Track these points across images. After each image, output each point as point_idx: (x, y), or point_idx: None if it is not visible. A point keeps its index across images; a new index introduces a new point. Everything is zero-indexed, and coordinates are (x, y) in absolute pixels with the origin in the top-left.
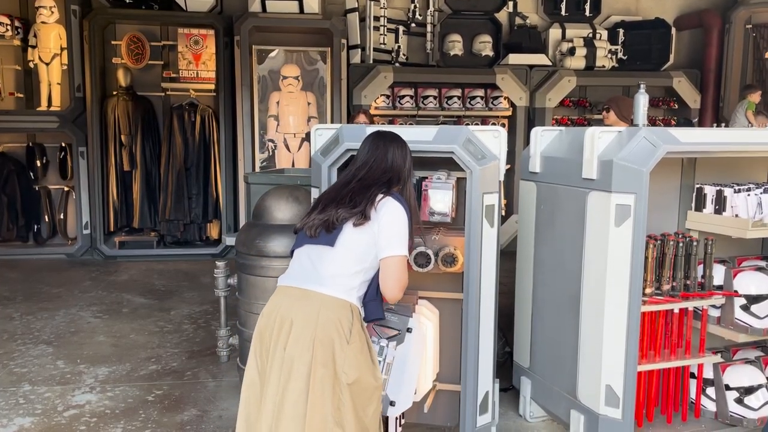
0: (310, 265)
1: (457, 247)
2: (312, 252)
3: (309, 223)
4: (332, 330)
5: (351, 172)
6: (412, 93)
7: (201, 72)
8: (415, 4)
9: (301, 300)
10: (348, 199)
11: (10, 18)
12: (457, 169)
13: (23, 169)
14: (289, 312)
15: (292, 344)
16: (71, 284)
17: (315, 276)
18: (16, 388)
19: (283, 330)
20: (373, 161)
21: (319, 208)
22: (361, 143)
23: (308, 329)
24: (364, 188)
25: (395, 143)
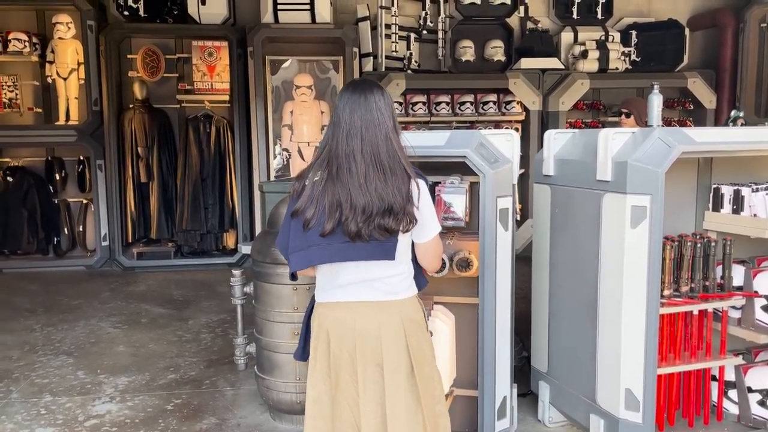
0: (363, 274)
1: (472, 251)
2: (364, 264)
3: (350, 225)
4: (417, 330)
5: (350, 152)
6: (425, 99)
7: (215, 83)
8: (426, 12)
9: (374, 314)
10: (379, 202)
11: (28, 35)
12: (471, 173)
13: (42, 182)
14: (369, 328)
15: (387, 358)
16: (91, 295)
17: (375, 287)
18: (37, 398)
19: (367, 347)
20: (366, 131)
21: (337, 210)
22: (338, 101)
23: (399, 338)
24: (385, 178)
25: (376, 92)
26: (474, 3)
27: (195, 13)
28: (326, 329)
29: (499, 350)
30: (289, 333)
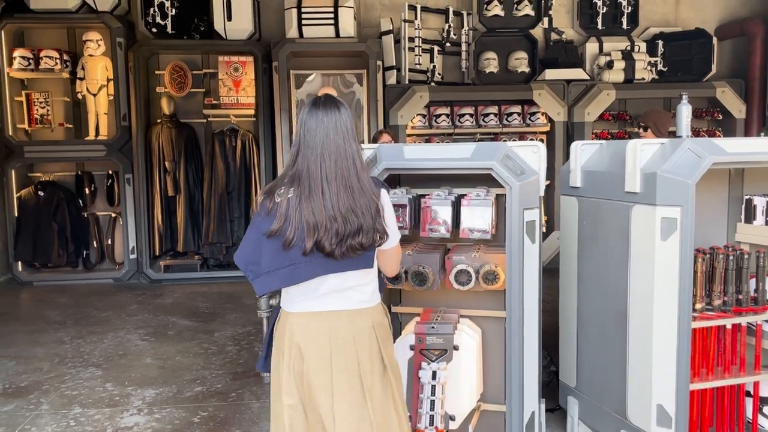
0: (341, 285)
1: (498, 264)
2: (342, 275)
3: (329, 247)
4: (385, 333)
5: (325, 167)
6: (449, 111)
7: (241, 98)
8: (449, 24)
9: (351, 322)
10: (350, 224)
11: (59, 52)
12: (497, 185)
13: (72, 196)
14: (345, 336)
15: (362, 362)
16: (119, 308)
17: (350, 296)
18: (67, 410)
19: (342, 354)
20: (336, 152)
21: (314, 230)
22: (306, 119)
23: (373, 343)
24: (354, 198)
25: (342, 110)
26: (497, 15)
27: (221, 29)
28: (297, 341)
29: (527, 364)
30: None
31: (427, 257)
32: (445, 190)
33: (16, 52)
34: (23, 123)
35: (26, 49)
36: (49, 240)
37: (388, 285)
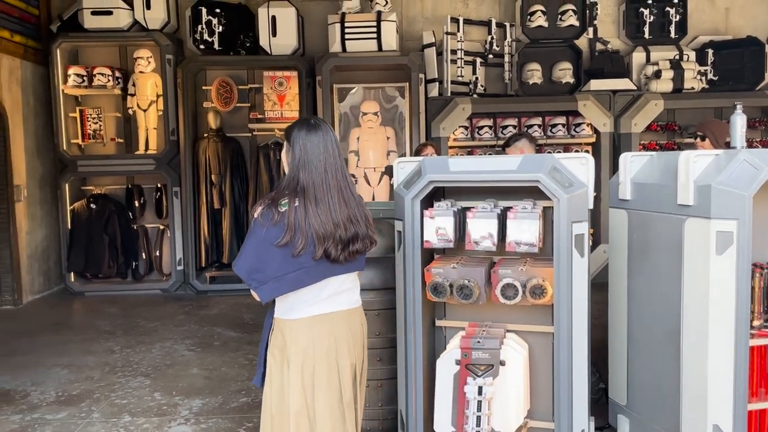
0: (342, 287)
1: (546, 278)
2: (342, 277)
3: (335, 253)
4: (366, 329)
5: (327, 179)
6: (491, 123)
7: (285, 112)
8: (492, 36)
9: (349, 320)
10: (351, 232)
11: (111, 69)
12: (543, 198)
13: (123, 209)
14: (345, 334)
15: (357, 358)
16: (166, 318)
17: (348, 296)
18: (117, 419)
19: (344, 350)
20: (333, 166)
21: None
22: (306, 140)
23: (363, 339)
24: (348, 206)
25: (330, 130)
26: (541, 26)
27: (266, 45)
28: (303, 346)
29: (576, 381)
30: None
31: (472, 271)
32: (491, 203)
33: (70, 70)
34: (77, 138)
35: (80, 67)
36: (100, 251)
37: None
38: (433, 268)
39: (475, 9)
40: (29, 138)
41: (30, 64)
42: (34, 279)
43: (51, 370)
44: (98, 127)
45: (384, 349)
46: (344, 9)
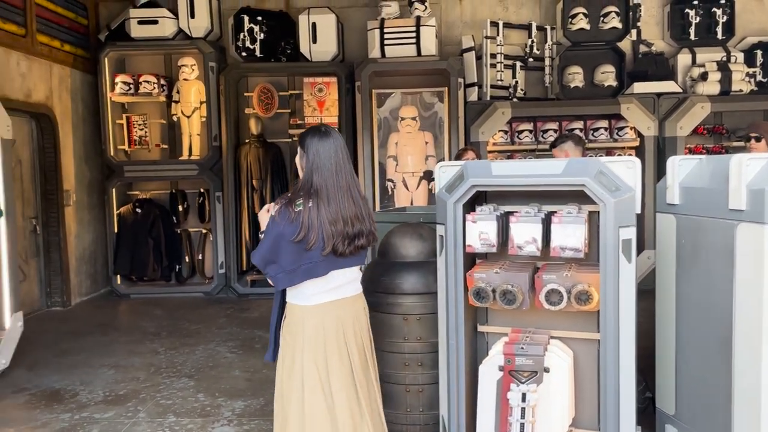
0: (347, 277)
1: (592, 284)
2: (347, 270)
3: (342, 248)
4: (368, 314)
5: (336, 182)
6: (531, 127)
7: (324, 117)
8: (532, 40)
9: (353, 305)
10: (357, 229)
11: (157, 77)
12: (589, 202)
13: (167, 213)
14: (351, 318)
15: (364, 338)
16: (209, 321)
17: (352, 285)
18: (162, 419)
19: (351, 332)
20: (343, 170)
21: (336, 229)
22: (318, 146)
23: (367, 322)
24: (356, 205)
25: (338, 136)
26: (583, 29)
27: (306, 52)
28: (315, 330)
29: (623, 389)
30: (400, 363)
31: (515, 276)
32: (535, 207)
33: (118, 78)
34: (123, 144)
35: (127, 75)
36: (145, 255)
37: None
38: (475, 273)
39: (515, 12)
40: (78, 144)
41: (79, 73)
42: (82, 281)
43: (99, 370)
44: (144, 133)
45: (425, 353)
46: (383, 15)
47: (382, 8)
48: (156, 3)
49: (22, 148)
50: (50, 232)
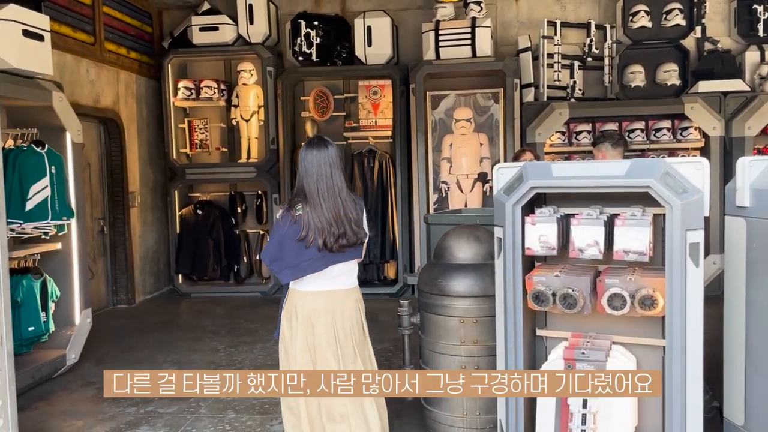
0: (340, 270)
1: (656, 288)
2: (341, 264)
3: (330, 244)
4: (362, 307)
5: (324, 188)
6: (590, 128)
7: (379, 120)
8: (591, 38)
9: (345, 296)
10: (349, 219)
11: (217, 82)
12: (654, 204)
13: (226, 215)
14: (341, 307)
15: (353, 326)
16: (266, 320)
17: (346, 278)
18: (222, 415)
19: (339, 319)
20: (330, 177)
21: (324, 228)
22: (305, 156)
23: (359, 313)
24: (344, 209)
25: (330, 147)
26: (644, 26)
27: (362, 55)
28: (308, 312)
29: (689, 398)
30: (456, 365)
31: (576, 279)
32: (597, 210)
33: (180, 83)
34: (185, 148)
35: (189, 81)
36: (205, 255)
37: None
38: (534, 276)
39: (573, 11)
40: (143, 148)
41: (144, 79)
42: (146, 280)
43: (162, 366)
44: (204, 137)
45: (482, 357)
46: (438, 17)
47: (437, 10)
48: (217, 10)
49: (91, 152)
50: (116, 232)
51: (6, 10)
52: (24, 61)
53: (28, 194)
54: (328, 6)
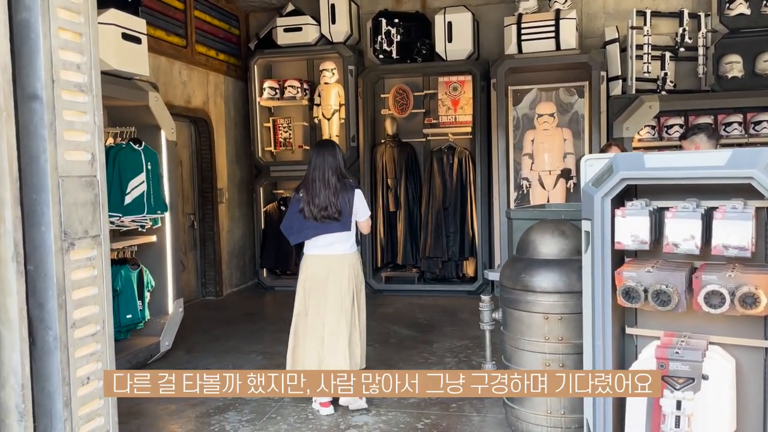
0: (329, 240)
1: (759, 286)
2: (328, 234)
3: (315, 214)
4: (358, 270)
5: (316, 176)
6: (682, 121)
7: (458, 116)
8: (683, 28)
9: (339, 261)
10: (331, 200)
11: (300, 81)
12: (757, 196)
13: None
14: (334, 268)
15: (342, 285)
16: None
17: (338, 245)
18: (306, 404)
19: (331, 279)
20: (326, 165)
21: (312, 202)
22: (313, 154)
23: (350, 275)
24: (331, 194)
25: (329, 148)
26: (742, 14)
27: (442, 51)
28: (308, 269)
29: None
30: (540, 362)
31: (670, 275)
32: (693, 202)
33: (265, 84)
34: (270, 146)
35: (273, 81)
36: (288, 250)
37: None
38: (624, 271)
39: (664, 0)
40: (230, 146)
41: (231, 80)
42: (233, 273)
43: (248, 355)
44: (288, 135)
45: (567, 354)
46: (521, 10)
47: (519, 3)
48: (300, 11)
49: (182, 151)
50: (206, 227)
51: (107, 14)
52: (123, 62)
53: (126, 189)
54: (409, 3)
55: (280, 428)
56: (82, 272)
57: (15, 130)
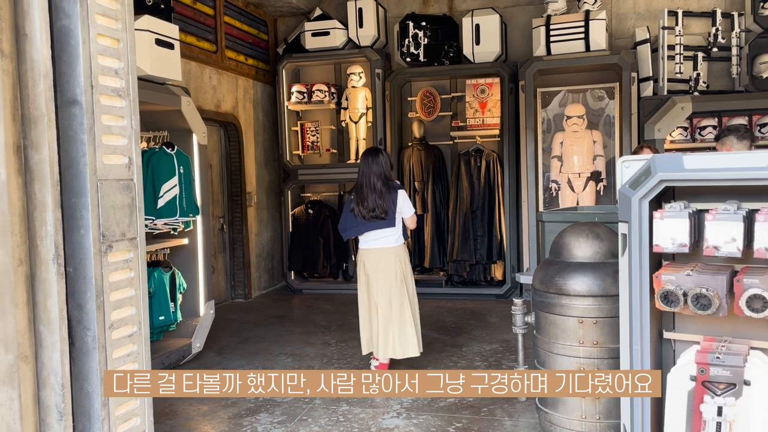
0: (377, 235)
1: None
2: (377, 230)
3: (364, 214)
4: (406, 261)
5: (363, 182)
6: (715, 123)
7: (486, 119)
8: (716, 28)
9: (385, 253)
10: (377, 202)
11: (327, 85)
12: None
13: (335, 214)
14: (383, 259)
15: (390, 273)
16: None
17: (385, 240)
18: (336, 406)
19: (381, 269)
20: (371, 172)
21: (361, 204)
22: (361, 160)
23: (397, 265)
24: (380, 196)
25: (377, 155)
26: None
27: (469, 53)
28: (363, 261)
29: None
30: (574, 366)
31: (711, 279)
32: (734, 204)
33: (293, 88)
34: (298, 149)
35: (301, 85)
36: (316, 253)
37: (408, 235)
38: (663, 274)
39: (696, 0)
40: (259, 150)
41: (260, 84)
42: (261, 276)
43: (278, 357)
44: (315, 139)
45: (602, 359)
46: (549, 11)
47: (548, 5)
48: (328, 15)
49: (212, 154)
50: (235, 230)
51: (141, 20)
52: (156, 68)
53: (159, 192)
54: (436, 6)
55: (311, 430)
56: (120, 274)
57: (56, 135)
